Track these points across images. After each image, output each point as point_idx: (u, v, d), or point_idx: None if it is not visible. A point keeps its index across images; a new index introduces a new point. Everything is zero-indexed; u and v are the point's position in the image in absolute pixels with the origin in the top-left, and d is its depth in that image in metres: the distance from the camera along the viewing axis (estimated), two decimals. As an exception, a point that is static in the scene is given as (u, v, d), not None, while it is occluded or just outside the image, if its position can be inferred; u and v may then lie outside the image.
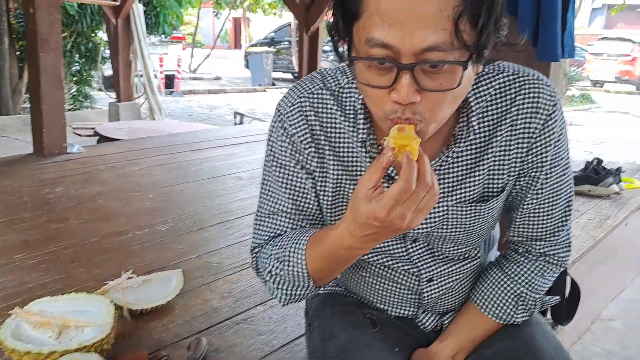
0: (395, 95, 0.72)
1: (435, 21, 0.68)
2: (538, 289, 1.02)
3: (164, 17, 7.33)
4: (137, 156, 3.54)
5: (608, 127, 9.52)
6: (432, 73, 0.72)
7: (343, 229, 0.80)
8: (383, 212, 0.72)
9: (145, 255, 1.97)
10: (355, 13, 0.74)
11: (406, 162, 0.71)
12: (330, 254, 0.86)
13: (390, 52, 0.71)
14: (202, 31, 20.47)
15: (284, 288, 0.93)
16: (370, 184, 0.74)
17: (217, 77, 16.16)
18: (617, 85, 16.75)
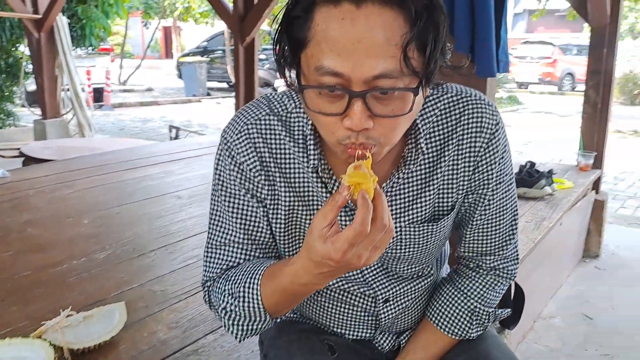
0: (348, 122, 0.74)
1: (384, 50, 0.71)
2: (490, 303, 1.06)
3: (91, 30, 7.08)
4: (68, 178, 3.39)
5: (535, 127, 9.99)
6: (384, 99, 0.74)
7: (299, 265, 0.80)
8: (338, 254, 0.73)
9: (84, 287, 1.89)
10: (302, 41, 0.75)
11: (361, 203, 0.72)
12: (287, 290, 0.85)
13: (341, 79, 0.73)
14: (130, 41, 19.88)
15: (240, 324, 0.92)
16: (325, 222, 0.74)
17: (149, 88, 15.78)
18: (541, 86, 17.63)
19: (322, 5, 0.72)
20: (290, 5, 0.76)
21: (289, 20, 0.76)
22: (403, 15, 0.71)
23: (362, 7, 0.70)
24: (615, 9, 3.41)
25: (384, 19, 0.70)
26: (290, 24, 0.76)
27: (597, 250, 3.65)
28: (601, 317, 2.82)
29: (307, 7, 0.73)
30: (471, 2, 1.47)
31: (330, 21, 0.71)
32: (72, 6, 6.90)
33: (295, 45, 0.76)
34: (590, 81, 3.60)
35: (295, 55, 0.77)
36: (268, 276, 0.88)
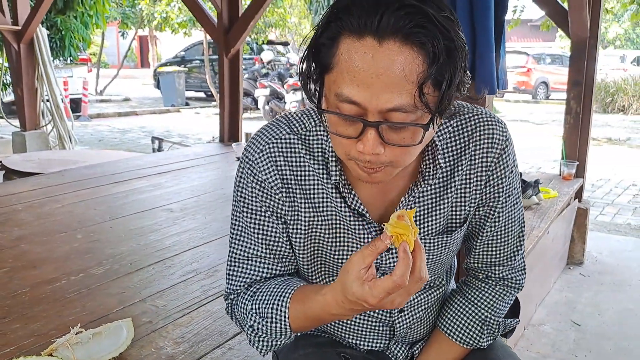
0: (361, 147, 0.79)
1: (400, 85, 0.74)
2: (500, 313, 1.10)
3: (70, 40, 7.02)
4: (56, 192, 3.35)
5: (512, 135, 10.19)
6: (396, 129, 0.78)
7: (331, 298, 0.84)
8: (374, 300, 0.78)
9: (85, 303, 1.87)
10: (327, 66, 0.79)
11: (402, 256, 0.77)
12: (315, 317, 0.89)
13: (358, 108, 0.77)
14: (106, 50, 19.69)
15: (265, 340, 0.96)
16: (363, 264, 0.79)
17: (126, 98, 15.64)
18: (516, 95, 17.97)
19: (347, 37, 0.76)
20: (318, 32, 0.80)
21: (316, 45, 0.80)
22: (422, 55, 0.74)
23: (383, 45, 0.74)
24: (594, 22, 3.53)
25: (403, 57, 0.74)
26: (317, 49, 0.80)
27: (581, 257, 3.74)
28: (588, 323, 2.89)
29: (333, 36, 0.77)
30: (472, 23, 1.52)
31: (353, 53, 0.75)
32: (52, 17, 6.83)
33: (321, 68, 0.80)
34: (571, 92, 3.70)
35: (320, 76, 0.81)
36: (297, 300, 0.91)
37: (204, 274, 2.14)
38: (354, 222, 0.96)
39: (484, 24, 1.51)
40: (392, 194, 0.97)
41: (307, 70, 0.83)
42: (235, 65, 4.75)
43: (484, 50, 1.53)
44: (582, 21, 3.42)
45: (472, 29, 1.51)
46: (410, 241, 0.78)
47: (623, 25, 25.53)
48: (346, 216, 0.96)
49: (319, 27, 0.80)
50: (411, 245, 0.78)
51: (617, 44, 27.06)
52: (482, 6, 1.50)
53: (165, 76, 14.18)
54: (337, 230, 0.98)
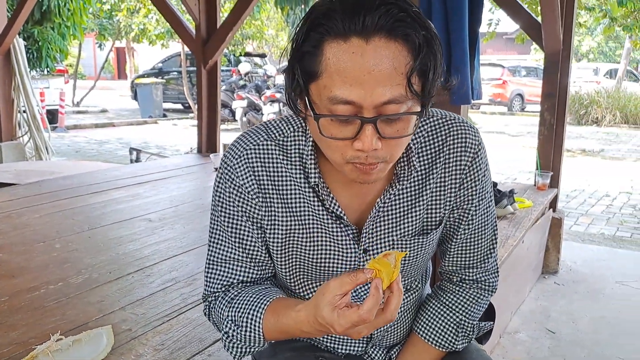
0: (359, 144, 0.81)
1: (391, 78, 0.78)
2: (474, 316, 1.13)
3: (47, 51, 6.97)
4: (33, 202, 3.32)
5: (488, 147, 10.32)
6: (391, 122, 0.82)
7: (303, 316, 0.87)
8: (340, 328, 0.81)
9: (64, 311, 1.86)
10: (314, 74, 0.81)
11: (372, 292, 0.79)
12: (287, 331, 0.92)
13: (352, 107, 0.80)
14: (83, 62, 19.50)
15: (239, 347, 0.98)
16: (339, 291, 0.81)
17: (104, 109, 15.52)
18: (492, 107, 18.22)
19: (331, 41, 0.79)
20: (299, 41, 0.82)
21: (299, 54, 0.82)
22: (407, 47, 0.79)
23: (370, 42, 0.78)
24: (567, 35, 3.62)
25: (390, 51, 0.78)
26: (301, 58, 0.82)
27: (555, 266, 3.79)
28: (563, 331, 2.93)
29: (316, 43, 0.80)
30: (447, 35, 1.57)
31: (342, 55, 0.78)
32: (29, 28, 6.79)
33: (307, 77, 0.82)
34: (545, 103, 3.77)
35: (306, 86, 0.83)
36: (272, 312, 0.94)
37: (183, 282, 2.14)
38: (331, 226, 0.99)
39: (459, 36, 1.56)
40: (369, 197, 0.99)
41: (292, 83, 0.85)
42: (213, 76, 4.77)
43: (459, 62, 1.58)
44: (555, 34, 3.52)
45: (448, 41, 1.56)
46: (384, 279, 0.80)
47: (596, 38, 26.23)
48: (324, 220, 0.98)
49: (298, 38, 0.83)
50: (385, 283, 0.80)
51: (590, 57, 27.76)
52: (456, 19, 1.55)
53: (142, 88, 14.11)
54: (315, 234, 1.00)
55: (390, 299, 0.81)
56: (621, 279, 3.65)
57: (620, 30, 9.47)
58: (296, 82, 0.84)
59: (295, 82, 0.84)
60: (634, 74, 19.41)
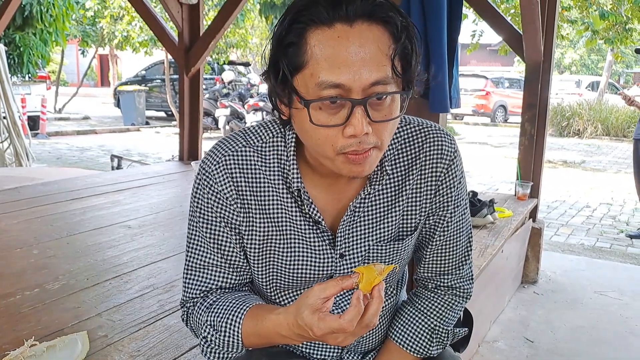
0: (351, 129, 0.82)
1: (377, 59, 0.81)
2: (449, 322, 1.13)
3: (28, 57, 6.91)
4: (12, 208, 3.27)
5: (471, 157, 10.44)
6: (378, 105, 0.84)
7: (283, 319, 0.87)
8: (319, 332, 0.80)
9: (39, 317, 1.83)
10: (298, 65, 0.82)
11: (354, 303, 0.79)
12: (266, 335, 0.92)
13: (341, 90, 0.81)
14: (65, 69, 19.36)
15: (217, 352, 0.98)
16: (323, 294, 0.81)
17: (86, 116, 15.40)
18: (475, 117, 18.42)
19: (315, 29, 0.81)
20: (282, 34, 0.84)
21: (281, 49, 0.84)
22: (388, 30, 0.83)
23: (354, 26, 0.81)
24: (548, 47, 3.68)
25: (374, 34, 0.82)
26: (284, 51, 0.83)
27: (535, 276, 3.84)
28: (541, 340, 2.96)
29: (299, 33, 0.82)
30: (426, 44, 1.59)
31: (327, 40, 0.81)
32: (10, 33, 6.72)
33: (291, 69, 0.83)
34: (526, 114, 3.82)
35: (291, 79, 0.84)
36: (251, 316, 0.94)
37: (161, 289, 2.12)
38: (308, 231, 0.99)
39: (437, 46, 1.58)
40: (345, 202, 1.00)
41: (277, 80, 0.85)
42: (196, 84, 4.76)
43: (438, 71, 1.60)
44: (536, 46, 3.57)
45: (426, 50, 1.58)
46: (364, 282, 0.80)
47: (578, 51, 26.69)
48: (301, 226, 0.99)
49: (280, 32, 0.84)
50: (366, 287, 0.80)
51: (573, 70, 28.22)
52: (435, 29, 1.58)
53: (125, 95, 14.04)
54: (292, 240, 1.00)
55: (369, 304, 0.81)
56: (600, 289, 3.70)
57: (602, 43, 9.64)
58: (282, 75, 0.85)
59: (282, 76, 0.85)
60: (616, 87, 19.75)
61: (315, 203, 0.98)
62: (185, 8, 4.65)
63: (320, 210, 0.99)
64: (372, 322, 0.81)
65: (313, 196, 0.98)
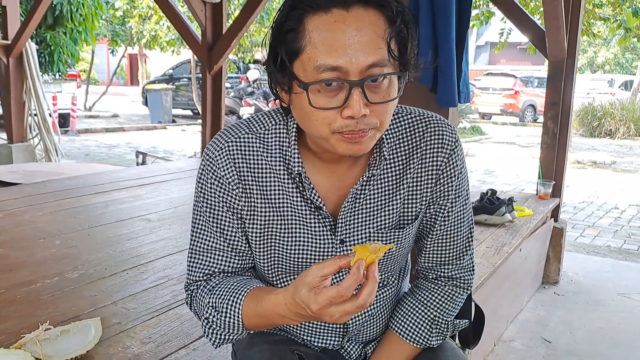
0: (349, 111, 0.84)
1: (374, 42, 0.84)
2: (449, 313, 1.14)
3: (59, 56, 7.09)
4: (38, 201, 3.38)
5: (498, 157, 10.29)
6: (376, 87, 0.86)
7: (282, 298, 0.88)
8: (316, 306, 0.82)
9: (58, 304, 1.90)
10: (297, 50, 0.85)
11: (354, 271, 0.81)
12: (266, 315, 0.93)
13: (339, 73, 0.84)
14: (96, 68, 19.80)
15: (218, 333, 1.00)
16: (320, 273, 0.83)
17: (115, 114, 15.67)
18: (503, 117, 18.04)
19: (312, 15, 0.84)
20: (281, 21, 0.87)
21: (281, 36, 0.87)
22: (384, 15, 0.85)
23: (350, 11, 0.84)
24: (572, 44, 3.60)
25: (370, 18, 0.84)
26: (283, 37, 0.86)
27: (556, 276, 3.77)
28: (559, 341, 2.91)
29: (298, 19, 0.85)
30: (434, 37, 1.59)
31: (324, 25, 0.83)
32: (41, 32, 6.90)
33: (290, 55, 0.86)
34: (549, 112, 3.76)
35: (290, 64, 0.87)
36: (251, 297, 0.96)
37: (176, 279, 2.17)
38: (309, 217, 1.01)
39: (446, 40, 1.58)
40: (345, 188, 1.02)
41: (277, 66, 0.88)
42: (218, 82, 4.82)
43: (445, 65, 1.60)
44: (559, 42, 3.51)
45: (435, 44, 1.58)
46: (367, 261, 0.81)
47: (612, 49, 26.02)
48: (302, 211, 1.01)
49: (279, 20, 0.87)
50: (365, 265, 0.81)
51: (606, 69, 27.53)
52: (443, 23, 1.57)
53: (152, 93, 14.26)
54: (293, 226, 1.02)
55: (364, 285, 0.82)
56: (624, 291, 3.62)
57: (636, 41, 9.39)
58: (281, 61, 0.87)
59: (280, 61, 0.88)
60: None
61: (317, 189, 1.00)
62: (209, 7, 4.72)
63: (322, 197, 1.01)
64: (366, 302, 0.82)
65: (314, 182, 1.00)
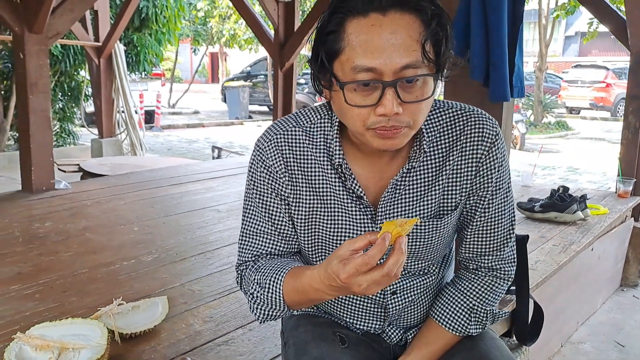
0: (382, 109, 0.90)
1: (408, 45, 0.89)
2: (488, 303, 1.17)
3: (144, 56, 7.52)
4: (121, 191, 3.68)
5: (584, 153, 9.78)
6: (410, 87, 0.91)
7: (316, 273, 0.95)
8: (344, 275, 0.87)
9: (132, 284, 2.11)
10: (336, 51, 0.92)
11: (379, 242, 0.86)
12: (303, 290, 1.00)
13: (374, 74, 0.90)
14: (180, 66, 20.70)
15: (262, 309, 1.08)
16: (351, 247, 0.89)
17: (196, 111, 16.34)
18: (593, 111, 16.84)
19: (352, 19, 0.91)
20: (324, 24, 0.94)
21: (323, 36, 0.94)
22: (420, 18, 0.90)
23: (387, 15, 0.89)
24: (657, 33, 3.41)
25: (405, 21, 0.89)
26: (325, 39, 0.94)
27: (636, 279, 3.57)
28: (634, 345, 2.78)
29: (339, 22, 0.92)
30: (486, 32, 1.60)
31: (362, 28, 0.90)
32: (129, 34, 7.35)
33: (330, 55, 0.94)
34: (630, 106, 3.58)
35: (330, 64, 0.95)
36: (292, 275, 1.04)
37: (239, 266, 2.32)
38: (350, 205, 1.08)
39: (497, 34, 1.59)
40: (386, 179, 1.08)
41: (317, 65, 0.97)
42: (289, 78, 4.96)
43: (497, 58, 1.60)
44: (641, 32, 3.35)
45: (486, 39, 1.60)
46: (393, 235, 0.87)
47: None
48: (344, 200, 1.08)
49: (322, 21, 0.95)
50: (392, 239, 0.87)
51: None
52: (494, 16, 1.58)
53: (230, 90, 14.75)
54: (335, 213, 1.10)
55: (389, 255, 0.87)
56: None
57: None
58: (320, 61, 0.95)
59: (319, 62, 0.96)
60: None
61: (358, 179, 1.07)
62: (281, 6, 4.87)
63: (363, 187, 1.07)
64: (391, 270, 0.85)
65: (356, 173, 1.08)
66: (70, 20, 3.75)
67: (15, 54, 3.53)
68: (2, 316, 1.81)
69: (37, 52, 3.49)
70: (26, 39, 3.44)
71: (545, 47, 13.79)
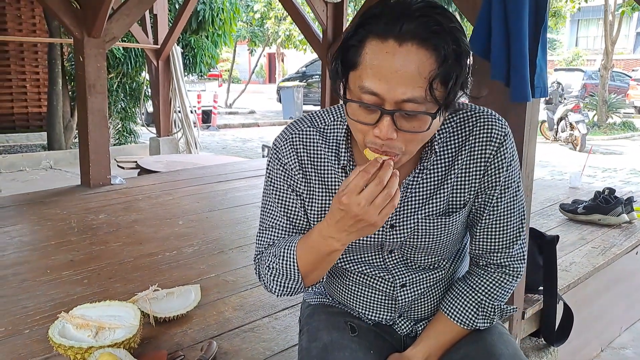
0: (377, 132, 0.94)
1: (414, 80, 0.91)
2: (497, 298, 1.21)
3: (201, 58, 7.79)
4: (170, 187, 3.89)
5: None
6: (408, 118, 0.94)
7: (323, 221, 1.03)
8: (343, 196, 0.94)
9: (172, 273, 2.26)
10: (354, 64, 0.95)
11: (372, 162, 0.94)
12: (313, 245, 1.06)
13: (377, 98, 0.93)
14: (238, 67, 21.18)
15: (278, 280, 1.14)
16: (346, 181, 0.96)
17: (252, 111, 16.69)
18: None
19: (372, 39, 0.94)
20: (348, 36, 0.99)
21: (346, 47, 0.99)
22: (435, 55, 0.91)
23: (403, 46, 0.91)
24: None
25: (418, 57, 0.90)
26: (347, 49, 0.99)
27: (684, 285, 3.46)
28: (679, 353, 2.72)
29: (361, 38, 0.96)
30: (506, 32, 1.62)
31: (377, 52, 0.92)
32: (186, 37, 7.64)
33: (348, 66, 0.99)
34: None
35: (346, 73, 1.00)
36: (303, 239, 1.11)
37: (272, 260, 2.43)
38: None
39: (517, 35, 1.60)
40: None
41: (335, 69, 1.02)
42: (337, 78, 5.03)
43: (517, 59, 1.61)
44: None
45: (507, 37, 1.61)
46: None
47: None
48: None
49: (348, 33, 1.00)
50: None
51: None
52: (515, 16, 1.59)
53: (285, 90, 14.98)
54: None
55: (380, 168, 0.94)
56: None
57: None
58: (336, 69, 1.01)
59: (336, 69, 1.01)
60: None
61: None
62: (330, 7, 4.94)
63: None
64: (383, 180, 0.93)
65: None
66: (126, 25, 3.98)
67: (75, 57, 3.79)
68: (53, 298, 2.00)
69: (95, 56, 3.73)
70: (85, 43, 3.68)
71: (611, 45, 13.21)
